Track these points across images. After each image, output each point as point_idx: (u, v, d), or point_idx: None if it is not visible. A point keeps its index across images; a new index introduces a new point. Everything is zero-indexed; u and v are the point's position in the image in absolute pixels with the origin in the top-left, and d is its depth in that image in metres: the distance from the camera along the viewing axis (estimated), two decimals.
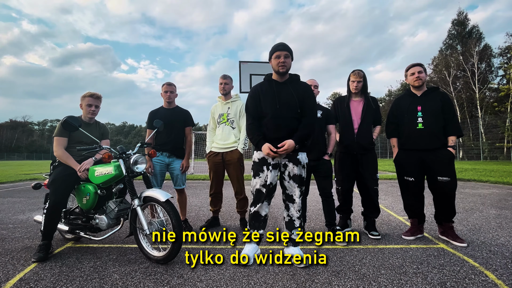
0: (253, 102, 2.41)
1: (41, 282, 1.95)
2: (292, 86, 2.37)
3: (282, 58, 2.28)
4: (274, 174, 2.34)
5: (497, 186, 7.05)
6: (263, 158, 2.33)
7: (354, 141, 2.97)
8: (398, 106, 2.99)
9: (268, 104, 2.33)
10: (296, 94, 2.32)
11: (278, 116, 2.29)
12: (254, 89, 2.46)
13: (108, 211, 2.52)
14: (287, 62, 2.30)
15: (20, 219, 3.84)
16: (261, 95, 2.38)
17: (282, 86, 2.37)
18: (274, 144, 2.25)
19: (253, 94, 2.43)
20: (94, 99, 2.77)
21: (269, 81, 2.43)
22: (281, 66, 2.29)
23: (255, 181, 2.36)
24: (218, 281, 1.95)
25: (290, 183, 2.32)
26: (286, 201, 2.37)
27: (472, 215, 3.91)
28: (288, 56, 2.31)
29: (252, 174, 2.40)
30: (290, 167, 2.31)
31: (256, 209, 2.36)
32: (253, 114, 2.40)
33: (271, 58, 2.35)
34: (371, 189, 2.94)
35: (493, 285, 1.87)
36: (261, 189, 2.32)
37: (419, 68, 2.85)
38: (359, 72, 3.04)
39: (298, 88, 2.36)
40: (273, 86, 2.37)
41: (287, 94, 2.33)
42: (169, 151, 3.23)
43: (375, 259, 2.34)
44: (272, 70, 2.42)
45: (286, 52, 2.29)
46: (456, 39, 29.51)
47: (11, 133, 69.43)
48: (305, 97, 2.35)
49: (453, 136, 2.74)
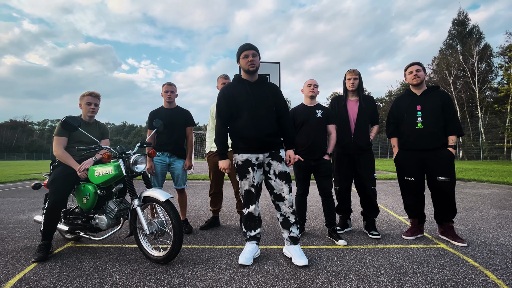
0: (226, 103, 2.36)
1: (41, 282, 1.95)
2: (264, 86, 2.42)
3: (251, 57, 2.31)
4: (259, 173, 2.37)
5: (497, 186, 7.05)
6: (246, 159, 2.34)
7: (351, 142, 2.97)
8: (398, 106, 2.99)
9: (244, 104, 2.33)
10: (269, 94, 2.39)
11: (256, 115, 2.31)
12: (225, 90, 2.41)
13: (108, 211, 2.52)
14: (255, 61, 2.33)
15: (20, 219, 3.84)
16: (234, 95, 2.37)
17: (255, 86, 2.39)
18: (252, 144, 2.31)
19: (226, 95, 2.38)
20: (93, 97, 2.77)
21: (240, 81, 2.42)
22: (251, 65, 2.32)
23: (242, 183, 2.37)
24: (218, 281, 1.95)
25: (276, 181, 2.33)
26: (276, 201, 2.38)
27: (472, 215, 3.91)
28: (256, 54, 2.34)
29: (238, 177, 2.40)
30: (275, 165, 2.34)
31: (250, 210, 2.36)
32: (225, 118, 2.38)
33: (239, 58, 2.37)
34: (369, 189, 2.94)
35: (493, 285, 1.87)
36: (250, 190, 2.34)
37: (417, 67, 2.86)
38: (354, 70, 3.08)
39: (269, 88, 2.43)
40: (246, 86, 2.38)
41: (261, 93, 2.36)
42: (170, 151, 3.23)
43: (375, 259, 2.34)
44: (240, 70, 2.49)
45: (254, 51, 2.33)
46: (456, 39, 29.54)
47: (11, 133, 69.43)
48: (278, 96, 2.44)
49: (454, 136, 2.73)
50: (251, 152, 2.34)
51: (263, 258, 2.37)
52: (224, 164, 2.38)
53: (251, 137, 2.31)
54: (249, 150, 2.34)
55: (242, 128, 2.33)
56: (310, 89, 2.97)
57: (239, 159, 2.37)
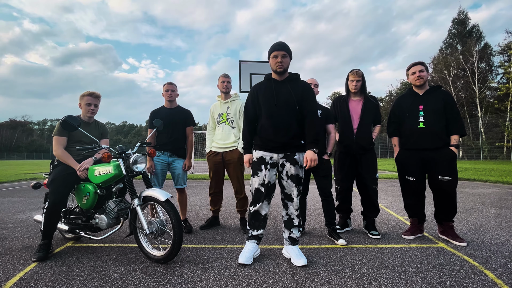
0: (252, 102, 2.46)
1: (41, 282, 1.95)
2: (291, 84, 2.38)
3: (280, 58, 2.31)
4: (272, 173, 2.35)
5: (497, 186, 7.05)
6: (261, 157, 2.35)
7: (354, 141, 2.96)
8: (400, 105, 2.98)
9: (267, 102, 2.36)
10: (295, 93, 2.33)
11: (276, 115, 2.31)
12: (254, 88, 2.51)
13: (108, 210, 2.52)
14: (284, 62, 2.33)
15: (20, 219, 3.84)
16: (259, 94, 2.42)
17: (281, 85, 2.39)
18: (267, 143, 2.31)
19: (252, 94, 2.48)
20: (93, 98, 2.77)
21: (268, 80, 2.46)
22: (279, 66, 2.32)
23: (253, 180, 2.37)
24: (218, 281, 1.95)
25: (288, 182, 2.33)
26: (285, 200, 2.38)
27: (471, 214, 3.91)
28: (286, 55, 2.34)
29: (251, 173, 2.42)
30: (288, 167, 2.32)
31: (256, 209, 2.36)
32: (251, 116, 2.47)
33: (269, 57, 2.39)
34: (371, 188, 2.94)
35: (492, 284, 1.87)
36: (259, 188, 2.33)
37: (420, 67, 2.84)
38: (358, 71, 3.02)
39: (297, 87, 2.37)
40: (272, 85, 2.39)
41: (286, 92, 2.35)
42: (170, 151, 3.23)
43: (375, 258, 2.34)
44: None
45: (284, 52, 2.32)
46: (457, 38, 29.51)
47: (11, 133, 69.39)
48: (304, 96, 2.35)
49: (456, 135, 2.72)
50: (266, 150, 2.35)
51: (263, 257, 2.37)
52: (246, 158, 2.46)
53: (267, 136, 2.32)
54: (264, 148, 2.36)
55: (261, 126, 2.38)
56: None
57: (255, 156, 2.41)
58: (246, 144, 2.49)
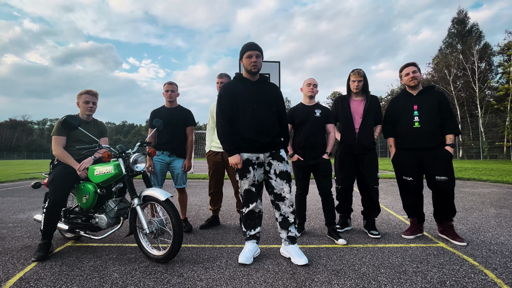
0: (228, 100, 2.35)
1: (41, 281, 1.95)
2: (265, 85, 2.44)
3: (254, 58, 2.31)
4: (260, 172, 2.36)
5: (497, 185, 7.06)
6: (246, 159, 2.32)
7: (355, 141, 2.96)
8: (394, 105, 3.00)
9: (244, 103, 2.33)
10: (271, 94, 2.41)
11: (256, 115, 2.31)
12: (227, 86, 2.39)
13: (108, 210, 2.52)
14: (258, 62, 2.34)
15: (20, 218, 3.84)
16: (236, 93, 2.36)
17: (257, 86, 2.40)
18: (253, 144, 2.31)
19: (228, 92, 2.36)
20: (90, 95, 2.76)
21: (242, 80, 2.42)
22: (253, 66, 2.32)
23: (242, 183, 2.35)
24: (218, 280, 1.95)
25: (277, 181, 2.33)
26: (276, 201, 2.37)
27: (471, 214, 3.92)
28: (259, 55, 2.34)
29: (238, 176, 2.37)
30: (275, 165, 2.34)
31: (250, 209, 2.35)
32: (228, 114, 2.33)
33: (243, 57, 2.36)
34: (371, 188, 2.94)
35: (492, 284, 1.87)
36: (250, 189, 2.33)
37: (413, 68, 2.86)
38: (359, 71, 3.02)
39: (270, 88, 2.46)
40: (247, 85, 2.38)
41: (263, 93, 2.38)
42: (170, 150, 3.23)
43: (375, 258, 2.34)
44: (242, 69, 2.44)
45: (258, 52, 2.33)
46: (456, 38, 29.51)
47: (10, 133, 69.38)
48: (277, 97, 2.47)
49: (451, 135, 2.74)
50: (251, 152, 2.33)
51: (263, 257, 2.37)
52: (235, 160, 2.27)
53: (252, 137, 2.30)
54: (249, 150, 2.33)
55: (243, 128, 2.32)
56: (310, 88, 2.97)
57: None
58: (231, 143, 2.29)
